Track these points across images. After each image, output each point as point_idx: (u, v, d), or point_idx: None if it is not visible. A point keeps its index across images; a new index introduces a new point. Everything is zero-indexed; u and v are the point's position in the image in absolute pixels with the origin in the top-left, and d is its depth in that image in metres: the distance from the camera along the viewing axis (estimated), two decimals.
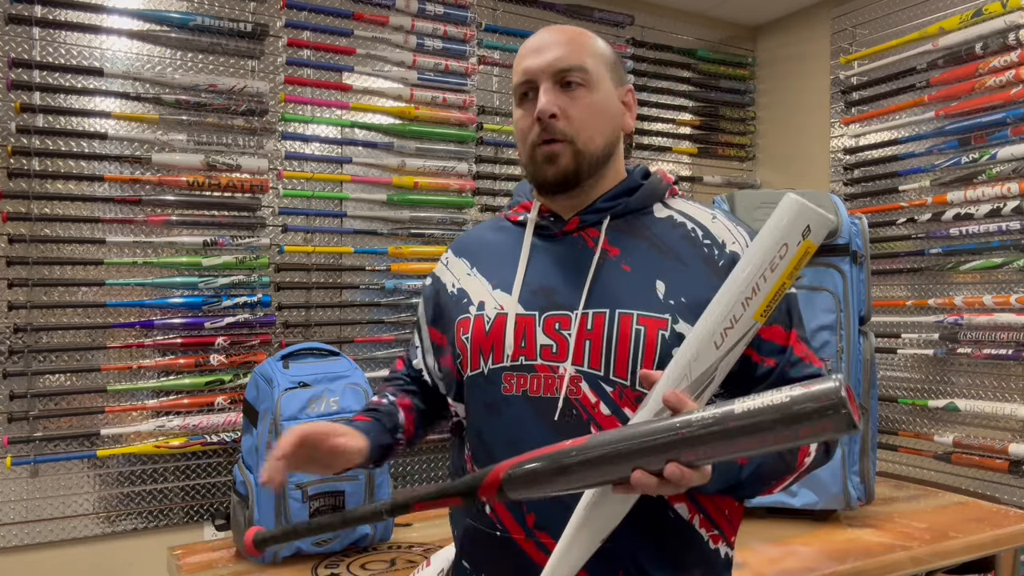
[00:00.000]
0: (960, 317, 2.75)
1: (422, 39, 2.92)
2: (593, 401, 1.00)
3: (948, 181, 2.85)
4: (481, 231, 1.24)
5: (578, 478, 0.83)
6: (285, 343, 2.64)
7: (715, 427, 0.75)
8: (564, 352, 1.02)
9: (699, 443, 0.77)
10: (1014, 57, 2.64)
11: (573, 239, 1.10)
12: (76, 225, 2.42)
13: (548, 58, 1.07)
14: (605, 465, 0.81)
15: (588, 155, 1.06)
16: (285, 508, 1.63)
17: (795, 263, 0.80)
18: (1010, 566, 1.98)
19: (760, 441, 0.74)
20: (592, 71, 1.08)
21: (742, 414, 0.74)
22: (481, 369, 1.07)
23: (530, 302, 1.06)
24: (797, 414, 0.71)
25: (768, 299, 0.82)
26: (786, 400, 0.72)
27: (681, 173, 3.55)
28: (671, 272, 1.04)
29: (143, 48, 2.52)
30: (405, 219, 2.90)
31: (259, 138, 2.67)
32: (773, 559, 1.69)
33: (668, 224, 1.09)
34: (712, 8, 3.54)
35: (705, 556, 1.04)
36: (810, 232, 0.79)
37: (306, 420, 1.66)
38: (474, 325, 1.08)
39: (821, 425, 0.71)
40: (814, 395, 0.71)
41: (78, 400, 2.42)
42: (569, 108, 1.05)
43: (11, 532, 2.34)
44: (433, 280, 1.23)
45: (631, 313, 1.01)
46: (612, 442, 0.81)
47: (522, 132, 1.10)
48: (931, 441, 2.85)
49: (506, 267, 1.11)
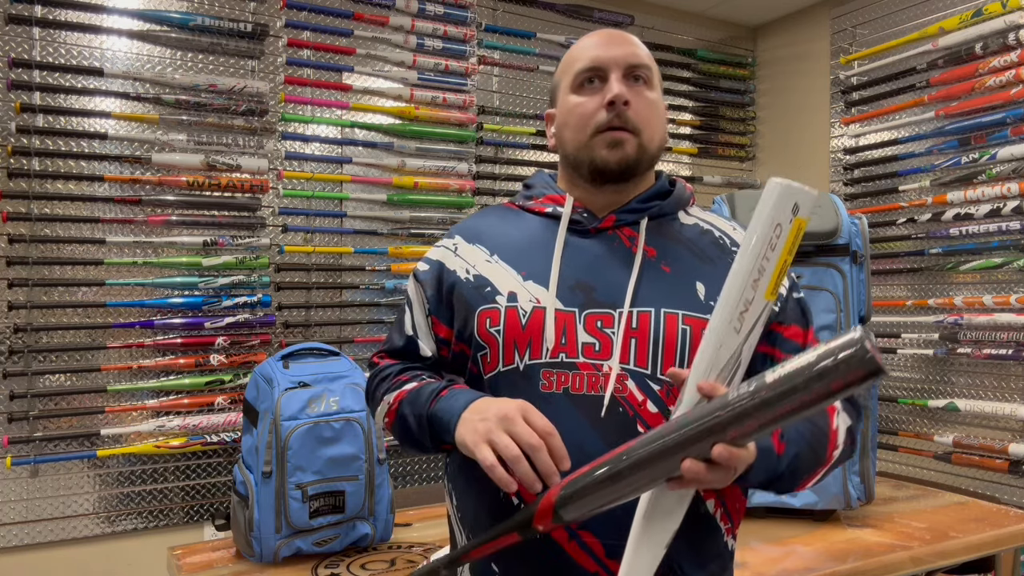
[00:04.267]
0: (960, 317, 2.75)
1: (422, 39, 2.92)
2: (640, 399, 0.99)
3: (948, 181, 2.85)
4: (491, 218, 1.18)
5: (631, 482, 0.83)
6: (285, 343, 2.64)
7: (752, 400, 0.78)
8: (607, 350, 1.00)
9: (740, 419, 0.79)
10: (1014, 57, 2.64)
11: (608, 236, 1.09)
12: (76, 225, 2.42)
13: (622, 51, 1.09)
14: (655, 462, 0.82)
15: (648, 151, 1.08)
16: (285, 508, 1.63)
17: (792, 239, 0.84)
18: (1010, 566, 1.98)
19: (798, 403, 0.76)
20: (654, 73, 1.12)
21: (775, 382, 0.77)
22: (516, 364, 1.03)
23: (568, 298, 1.03)
24: (826, 368, 0.74)
25: (775, 277, 0.85)
26: (813, 359, 0.75)
27: (681, 173, 3.55)
28: (708, 275, 1.05)
29: (143, 48, 2.52)
30: (405, 219, 2.90)
31: (259, 138, 2.67)
32: (773, 559, 1.69)
33: (697, 230, 1.12)
34: (712, 8, 3.54)
35: (721, 549, 1.06)
36: (799, 209, 0.84)
37: (306, 420, 1.66)
38: (506, 317, 1.04)
39: (850, 374, 0.73)
40: (839, 346, 0.74)
41: (78, 400, 2.42)
42: (637, 101, 1.07)
43: (11, 532, 2.34)
44: (433, 266, 1.15)
45: (676, 313, 1.02)
46: (657, 438, 0.83)
47: (583, 116, 1.08)
48: (931, 441, 2.85)
49: (536, 259, 1.07)
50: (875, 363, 0.73)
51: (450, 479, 1.14)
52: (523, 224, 1.13)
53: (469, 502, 1.09)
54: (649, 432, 0.84)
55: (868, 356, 0.72)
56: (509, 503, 1.01)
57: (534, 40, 3.17)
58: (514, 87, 3.16)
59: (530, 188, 1.19)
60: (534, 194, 1.16)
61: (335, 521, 1.69)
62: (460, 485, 1.11)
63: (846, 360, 0.73)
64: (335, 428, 1.68)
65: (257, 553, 1.65)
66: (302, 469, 1.64)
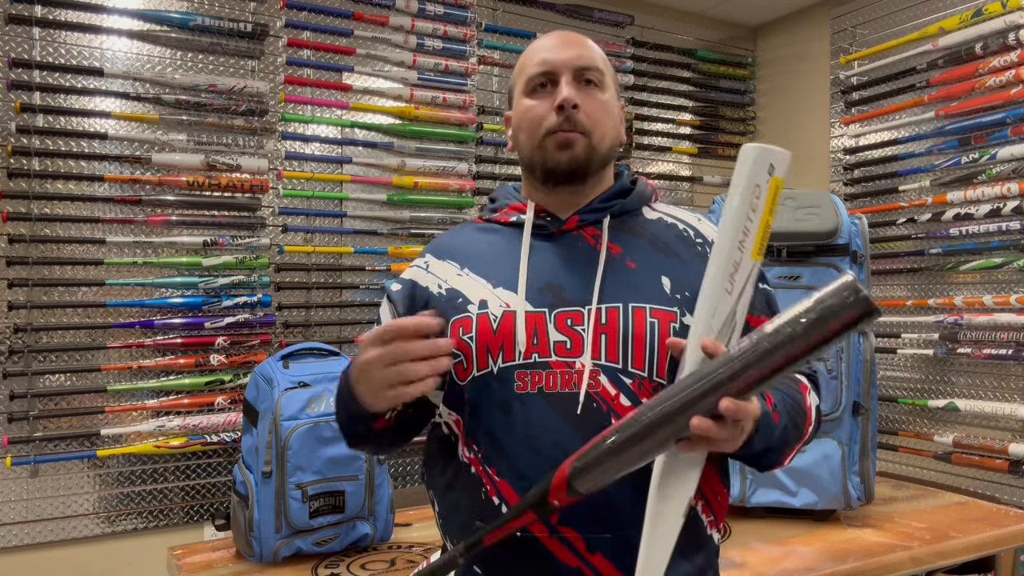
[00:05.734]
0: (960, 317, 2.75)
1: (422, 39, 2.92)
2: (613, 394, 1.00)
3: (948, 181, 2.85)
4: (461, 234, 1.20)
5: (644, 447, 0.84)
6: (285, 343, 2.64)
7: (754, 350, 0.80)
8: (579, 347, 1.02)
9: (744, 370, 0.81)
10: (1014, 57, 2.64)
11: (572, 237, 1.11)
12: (76, 225, 2.42)
13: (571, 54, 1.11)
14: (664, 424, 0.83)
15: (598, 152, 1.10)
16: (285, 508, 1.63)
17: (771, 199, 0.88)
18: (1010, 566, 1.98)
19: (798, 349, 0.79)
20: (606, 75, 1.13)
21: (774, 331, 0.79)
22: (490, 368, 1.04)
23: (538, 299, 1.05)
24: (823, 311, 0.78)
25: (759, 237, 0.89)
26: (810, 304, 0.79)
27: (681, 173, 3.55)
28: (673, 268, 1.08)
29: (143, 48, 2.52)
30: (405, 219, 2.90)
31: (259, 138, 2.67)
32: (773, 559, 1.69)
33: (661, 224, 1.14)
34: (712, 8, 3.54)
35: (704, 542, 1.07)
36: (775, 169, 0.88)
37: (306, 420, 1.66)
38: (478, 324, 1.06)
39: (847, 315, 0.77)
40: (833, 290, 0.78)
41: (78, 400, 2.42)
42: (587, 104, 1.09)
43: (11, 532, 2.34)
44: (406, 285, 1.16)
45: (644, 307, 1.04)
46: (666, 399, 0.84)
47: (534, 120, 1.11)
48: (931, 441, 2.85)
49: (504, 266, 1.10)
50: (868, 302, 0.76)
51: (429, 485, 1.15)
52: (491, 237, 1.16)
53: (449, 505, 1.09)
54: (660, 393, 0.85)
55: (863, 295, 0.76)
56: (490, 503, 1.01)
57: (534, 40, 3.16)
58: None
59: (494, 201, 1.22)
60: (498, 206, 1.20)
61: (335, 521, 1.69)
62: (440, 490, 1.11)
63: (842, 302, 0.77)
64: (335, 428, 1.67)
65: (257, 553, 1.65)
66: (302, 469, 1.64)
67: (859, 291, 0.76)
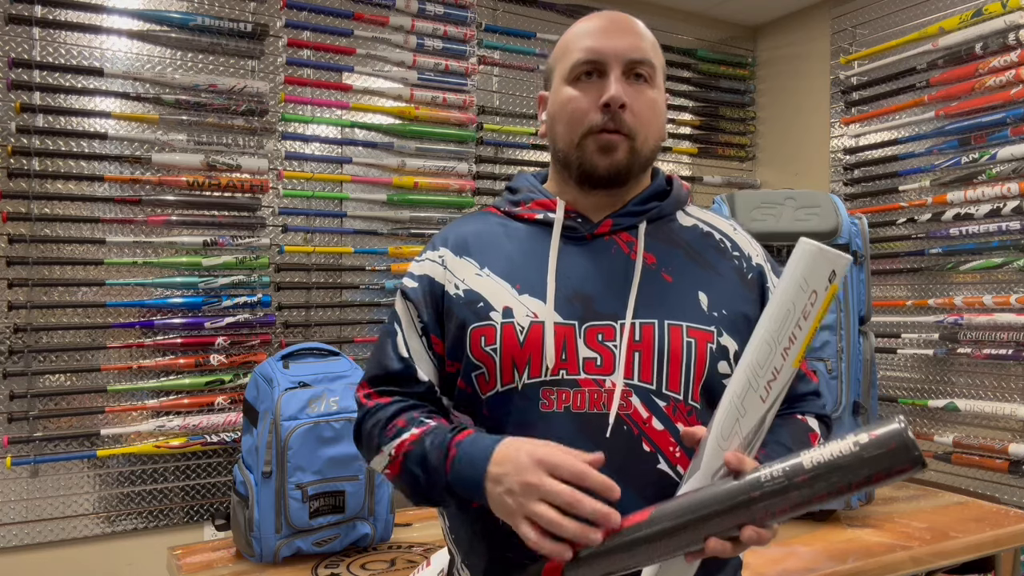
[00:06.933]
0: (960, 317, 2.75)
1: (422, 39, 2.92)
2: (645, 416, 0.94)
3: (948, 181, 2.85)
4: (478, 227, 1.08)
5: (647, 552, 0.81)
6: (285, 343, 2.64)
7: (786, 485, 0.76)
8: (609, 365, 0.95)
9: (773, 503, 0.77)
10: (1014, 57, 2.64)
11: (604, 243, 1.02)
12: (76, 225, 2.42)
13: (624, 44, 1.01)
14: (676, 537, 0.80)
15: (641, 155, 1.02)
16: (285, 508, 1.63)
17: (825, 307, 0.81)
18: (1010, 566, 1.98)
19: (833, 490, 0.75)
20: (657, 69, 1.04)
21: (812, 468, 0.75)
22: (514, 384, 0.97)
23: (567, 310, 0.97)
24: (868, 461, 0.73)
25: (804, 345, 0.83)
26: (855, 449, 0.74)
27: (681, 173, 3.55)
28: (711, 283, 1.01)
29: (143, 48, 2.52)
30: (405, 219, 2.90)
31: (259, 138, 2.67)
32: (773, 559, 1.69)
33: (697, 232, 1.07)
34: (712, 8, 3.54)
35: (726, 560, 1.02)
36: (835, 276, 0.80)
37: (306, 420, 1.66)
38: (502, 334, 0.97)
39: (896, 468, 0.73)
40: (882, 441, 0.73)
41: (78, 400, 2.42)
42: (635, 102, 1.00)
43: (11, 532, 2.34)
44: (422, 282, 1.06)
45: (680, 325, 0.97)
46: (680, 513, 0.80)
47: (575, 113, 1.01)
48: (931, 441, 2.85)
49: (530, 270, 1.01)
50: (921, 459, 0.72)
51: None
52: (512, 233, 1.06)
53: (461, 524, 1.05)
54: (673, 502, 0.82)
55: (916, 454, 0.71)
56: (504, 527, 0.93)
57: (534, 40, 3.17)
58: (514, 87, 3.16)
59: (515, 192, 1.11)
60: (521, 199, 1.09)
61: (335, 521, 1.69)
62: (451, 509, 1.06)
63: (890, 455, 0.72)
64: (335, 428, 1.68)
65: (257, 553, 1.65)
66: (302, 469, 1.64)
67: (913, 448, 0.71)
